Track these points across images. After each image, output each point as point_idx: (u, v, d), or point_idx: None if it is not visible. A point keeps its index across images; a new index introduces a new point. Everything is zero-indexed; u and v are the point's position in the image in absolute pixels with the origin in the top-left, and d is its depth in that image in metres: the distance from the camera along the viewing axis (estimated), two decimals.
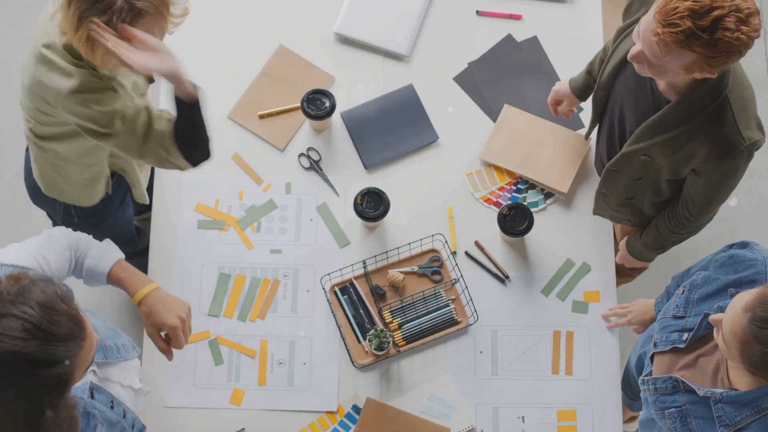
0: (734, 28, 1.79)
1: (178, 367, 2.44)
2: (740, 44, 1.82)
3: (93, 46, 1.91)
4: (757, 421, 1.80)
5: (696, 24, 1.79)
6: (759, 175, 3.52)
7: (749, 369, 1.69)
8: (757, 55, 3.68)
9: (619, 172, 2.28)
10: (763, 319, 1.62)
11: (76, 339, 1.46)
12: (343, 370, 2.46)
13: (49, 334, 1.41)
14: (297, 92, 2.66)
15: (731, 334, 1.68)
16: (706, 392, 1.88)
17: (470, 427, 2.42)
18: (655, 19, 1.84)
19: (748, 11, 1.80)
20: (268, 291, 2.52)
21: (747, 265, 1.93)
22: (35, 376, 1.41)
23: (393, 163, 2.65)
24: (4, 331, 1.39)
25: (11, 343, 1.38)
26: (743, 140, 2.00)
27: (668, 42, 1.83)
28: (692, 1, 1.79)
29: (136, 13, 1.87)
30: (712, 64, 1.86)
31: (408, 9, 2.80)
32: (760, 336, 1.62)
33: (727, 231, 3.42)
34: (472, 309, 2.50)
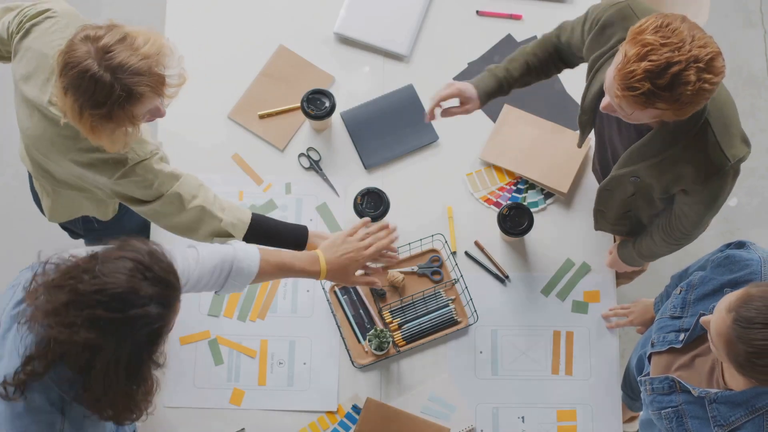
0: (695, 80, 1.76)
1: (178, 367, 2.44)
2: (705, 92, 1.79)
3: (97, 133, 1.88)
4: (751, 421, 1.81)
5: (655, 84, 1.77)
6: (759, 175, 3.52)
7: (737, 369, 1.69)
8: (757, 55, 3.68)
9: (612, 192, 2.29)
10: (746, 318, 1.62)
11: (175, 288, 1.63)
12: (343, 370, 2.46)
13: (156, 275, 1.58)
14: (297, 92, 2.66)
15: (717, 334, 1.68)
16: (701, 392, 1.88)
17: (470, 427, 2.42)
18: (615, 80, 1.83)
19: (709, 57, 1.77)
20: (268, 291, 2.52)
21: (742, 265, 1.93)
22: (143, 316, 1.56)
23: (393, 163, 2.65)
24: (118, 270, 1.55)
25: (126, 277, 1.55)
26: (728, 160, 1.99)
27: (630, 103, 1.83)
28: (648, 62, 1.76)
29: (136, 98, 1.84)
30: (680, 114, 1.85)
31: (408, 9, 2.80)
32: (744, 336, 1.62)
33: (727, 231, 3.42)
34: (472, 309, 2.50)
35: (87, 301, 1.55)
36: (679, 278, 2.26)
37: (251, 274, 2.08)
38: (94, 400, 1.63)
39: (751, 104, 3.61)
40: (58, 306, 1.57)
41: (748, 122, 3.57)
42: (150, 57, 1.85)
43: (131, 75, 1.82)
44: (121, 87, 1.81)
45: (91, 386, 1.61)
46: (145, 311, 1.57)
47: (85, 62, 1.80)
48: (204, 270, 2.02)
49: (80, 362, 1.59)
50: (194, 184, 2.17)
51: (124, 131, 1.92)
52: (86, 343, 1.56)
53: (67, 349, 1.58)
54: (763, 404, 1.80)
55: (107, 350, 1.57)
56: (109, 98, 1.82)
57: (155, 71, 1.85)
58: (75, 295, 1.56)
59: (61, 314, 1.57)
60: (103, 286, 1.55)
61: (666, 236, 2.27)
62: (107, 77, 1.80)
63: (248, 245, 2.12)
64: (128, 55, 1.82)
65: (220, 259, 2.04)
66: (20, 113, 2.14)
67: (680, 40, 1.76)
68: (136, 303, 1.56)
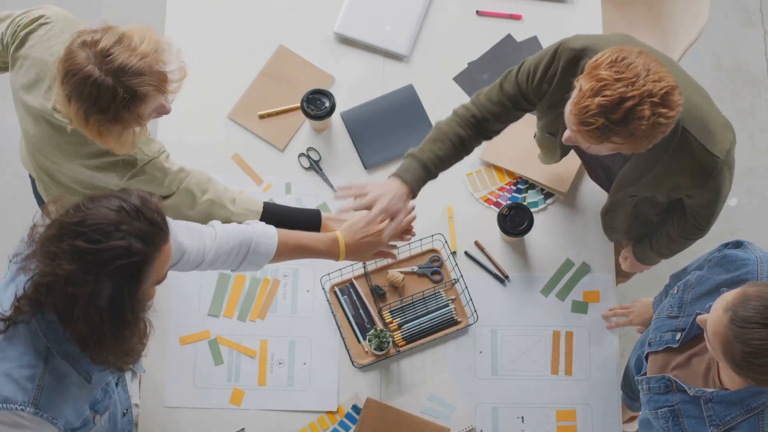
0: (650, 114, 1.77)
1: (178, 367, 2.44)
2: (660, 126, 1.80)
3: (105, 137, 1.88)
4: (747, 421, 1.81)
5: (609, 119, 1.78)
6: (759, 175, 3.52)
7: (733, 369, 1.70)
8: (757, 55, 3.68)
9: (616, 212, 2.32)
10: (743, 318, 1.62)
11: (161, 228, 1.65)
12: (343, 370, 2.46)
13: (142, 213, 1.61)
14: (297, 92, 2.66)
15: (713, 333, 1.69)
16: (696, 392, 1.88)
17: (470, 427, 2.43)
18: (570, 115, 1.84)
19: (663, 91, 1.78)
20: (267, 291, 2.52)
21: (739, 264, 1.93)
22: (124, 249, 1.58)
23: (393, 163, 2.65)
24: (103, 205, 1.61)
25: (109, 212, 1.60)
26: (717, 158, 1.99)
27: (586, 138, 1.84)
28: (602, 97, 1.77)
29: (140, 98, 1.84)
30: (636, 147, 1.86)
31: (408, 9, 2.80)
32: (741, 335, 1.63)
33: (728, 231, 3.42)
34: (471, 309, 2.50)
35: (69, 232, 1.59)
36: (677, 278, 2.26)
37: (269, 255, 2.10)
38: (80, 339, 1.66)
39: (751, 104, 3.61)
40: (44, 240, 1.62)
41: (748, 122, 3.57)
42: (149, 55, 1.85)
43: (133, 76, 1.82)
44: (124, 89, 1.81)
45: (74, 324, 1.64)
46: (127, 244, 1.58)
47: (85, 68, 1.80)
48: (221, 250, 2.04)
49: (63, 298, 1.61)
50: (203, 179, 2.20)
51: (131, 132, 1.92)
52: (68, 277, 1.58)
53: (50, 282, 1.61)
54: (758, 404, 1.80)
55: (88, 284, 1.59)
56: (113, 102, 1.82)
57: (156, 69, 1.85)
58: (59, 227, 1.61)
59: (47, 247, 1.61)
60: (84, 217, 1.59)
61: (683, 232, 2.30)
62: (109, 81, 1.80)
63: (267, 226, 2.12)
64: (127, 56, 1.81)
65: (238, 241, 2.06)
66: (24, 121, 2.14)
67: (634, 74, 1.77)
68: (116, 236, 1.58)
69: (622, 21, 3.06)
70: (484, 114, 2.26)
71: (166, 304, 2.48)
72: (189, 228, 2.06)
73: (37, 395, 1.68)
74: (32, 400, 1.68)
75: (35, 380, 1.69)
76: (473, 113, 2.27)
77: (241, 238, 2.07)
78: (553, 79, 2.12)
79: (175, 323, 2.48)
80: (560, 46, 2.10)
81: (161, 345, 2.44)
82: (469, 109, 2.28)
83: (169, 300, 2.49)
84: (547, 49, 2.14)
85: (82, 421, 1.80)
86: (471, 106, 2.29)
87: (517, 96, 2.22)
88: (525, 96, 2.21)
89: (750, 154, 3.53)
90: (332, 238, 2.18)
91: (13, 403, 1.66)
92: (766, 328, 1.60)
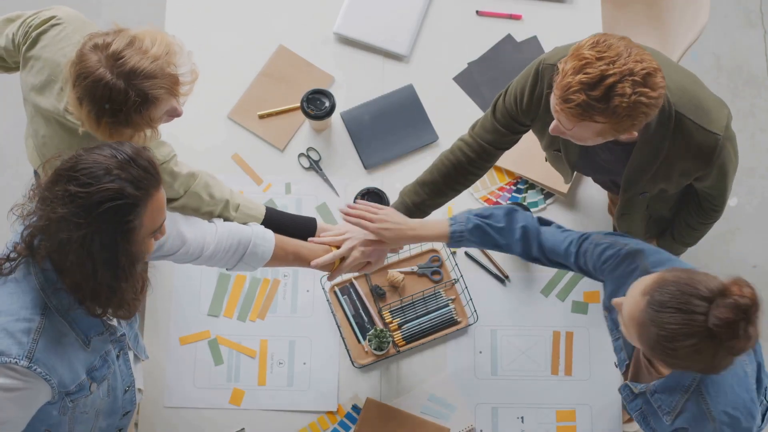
0: (630, 92, 1.79)
1: (178, 367, 2.44)
2: (642, 106, 1.82)
3: (116, 139, 1.88)
4: (690, 401, 1.84)
5: (589, 95, 1.80)
6: (759, 175, 3.52)
7: (646, 352, 1.73)
8: (757, 55, 3.68)
9: (630, 214, 2.34)
10: (660, 302, 1.66)
11: (153, 174, 1.68)
12: (343, 370, 2.46)
13: (134, 160, 1.65)
14: (297, 92, 2.66)
15: (630, 317, 1.72)
16: (641, 388, 1.94)
17: (470, 427, 2.43)
18: (554, 95, 1.87)
19: (645, 72, 1.80)
20: (267, 291, 2.52)
21: (628, 255, 1.97)
22: (116, 192, 1.62)
23: (393, 163, 2.65)
24: (96, 152, 1.66)
25: (101, 157, 1.64)
26: (717, 135, 2.01)
27: (568, 116, 1.86)
28: (583, 74, 1.80)
29: (151, 101, 1.84)
30: (619, 129, 1.87)
31: (408, 9, 2.80)
32: (656, 319, 1.66)
33: (728, 231, 3.42)
34: (471, 309, 2.50)
35: (63, 177, 1.64)
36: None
37: (265, 258, 2.16)
38: (74, 285, 1.69)
39: (751, 104, 3.61)
40: (40, 187, 1.68)
41: (748, 122, 3.57)
42: (160, 58, 1.85)
43: (145, 79, 1.81)
44: (135, 92, 1.81)
45: (68, 270, 1.67)
46: (117, 186, 1.62)
47: (97, 71, 1.80)
48: (219, 247, 2.10)
49: (57, 244, 1.65)
50: (211, 182, 2.21)
51: (143, 135, 1.92)
52: (60, 221, 1.62)
53: (44, 227, 1.66)
54: (689, 381, 1.84)
55: (79, 228, 1.62)
56: (125, 105, 1.81)
57: (167, 72, 1.86)
58: (54, 174, 1.66)
59: (42, 193, 1.66)
60: (77, 162, 1.64)
61: (702, 218, 2.34)
62: (121, 84, 1.80)
63: (266, 230, 2.18)
64: (139, 59, 1.81)
65: (237, 241, 2.12)
66: (34, 121, 2.14)
67: (616, 54, 1.81)
68: (106, 180, 1.62)
69: (622, 21, 3.06)
70: (482, 146, 2.28)
71: (166, 304, 2.48)
72: (189, 220, 2.09)
73: (32, 349, 1.69)
74: (26, 354, 1.69)
75: (31, 333, 1.70)
76: (473, 149, 2.28)
77: (240, 237, 2.12)
78: (540, 99, 2.14)
79: (175, 323, 2.48)
80: (540, 65, 2.12)
81: (161, 345, 2.44)
82: (469, 145, 2.29)
83: (169, 300, 2.49)
84: (528, 71, 2.16)
85: (77, 385, 1.80)
86: (470, 140, 2.30)
87: (509, 121, 2.24)
88: (517, 119, 2.23)
89: (750, 154, 3.53)
90: (327, 251, 2.24)
91: (7, 356, 1.67)
92: (680, 313, 1.63)
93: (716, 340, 1.62)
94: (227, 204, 2.21)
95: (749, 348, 1.65)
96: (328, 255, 2.23)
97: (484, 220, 2.15)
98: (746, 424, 1.82)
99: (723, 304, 1.62)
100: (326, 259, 2.22)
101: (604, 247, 2.01)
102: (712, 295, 1.63)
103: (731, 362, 1.68)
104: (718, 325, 1.61)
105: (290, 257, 2.21)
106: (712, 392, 1.81)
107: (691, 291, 1.64)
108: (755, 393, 1.86)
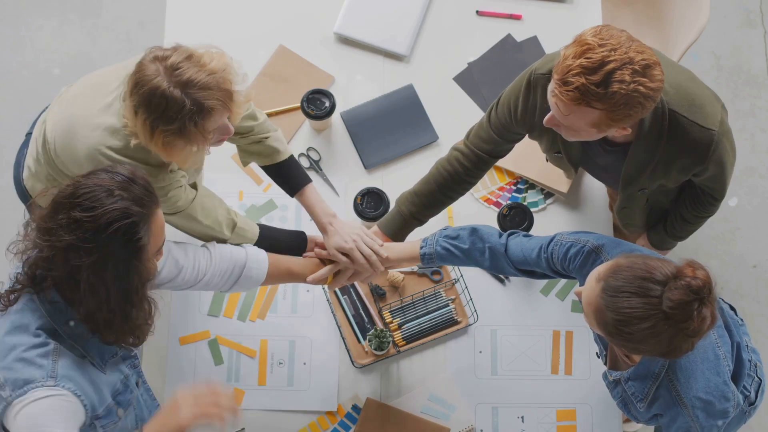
0: (629, 80, 1.80)
1: (178, 367, 2.44)
2: (639, 95, 1.82)
3: (169, 149, 1.89)
4: (662, 387, 1.86)
5: (589, 80, 1.81)
6: (759, 175, 3.52)
7: (607, 338, 1.75)
8: (757, 55, 3.68)
9: (630, 208, 2.34)
10: (613, 287, 1.68)
11: (152, 194, 1.71)
12: (343, 370, 2.46)
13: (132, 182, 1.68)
14: (297, 92, 2.66)
15: (587, 303, 1.74)
16: (615, 376, 1.97)
17: (470, 427, 2.43)
18: (554, 79, 1.88)
19: (645, 62, 1.81)
20: (268, 291, 2.52)
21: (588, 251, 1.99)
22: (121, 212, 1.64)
23: (393, 163, 2.65)
24: (95, 176, 1.67)
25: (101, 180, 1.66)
26: (712, 131, 2.02)
27: (566, 101, 1.86)
28: (584, 58, 1.81)
29: (207, 112, 1.85)
30: (615, 119, 1.87)
31: (408, 9, 2.80)
32: (611, 304, 1.68)
33: (728, 231, 3.42)
34: (471, 309, 2.50)
35: (64, 205, 1.64)
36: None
37: (259, 280, 2.20)
38: (88, 315, 1.69)
39: (751, 104, 3.61)
40: (39, 220, 1.67)
41: (748, 122, 3.57)
42: (217, 72, 1.87)
43: (200, 89, 1.83)
44: (191, 101, 1.82)
45: (81, 299, 1.67)
46: (122, 206, 1.63)
47: (155, 80, 1.82)
48: (215, 272, 2.13)
49: (66, 273, 1.65)
50: (208, 203, 2.19)
51: (192, 150, 1.93)
52: (69, 249, 1.62)
53: (51, 257, 1.65)
54: (658, 368, 1.85)
55: (90, 253, 1.62)
56: (180, 113, 1.82)
57: (223, 86, 1.88)
58: (53, 204, 1.66)
59: (43, 225, 1.65)
60: (77, 188, 1.65)
61: (698, 212, 2.34)
62: (177, 93, 1.82)
63: (259, 251, 2.21)
64: (196, 71, 1.84)
65: (232, 265, 2.15)
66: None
67: (618, 42, 1.82)
68: (110, 201, 1.63)
69: (622, 21, 3.06)
70: (478, 155, 2.28)
71: (166, 304, 2.48)
72: (182, 246, 2.11)
73: (54, 368, 1.70)
74: (49, 373, 1.69)
75: (49, 356, 1.71)
76: (469, 158, 2.29)
77: (235, 261, 2.16)
78: (535, 109, 2.14)
79: (175, 323, 2.48)
80: (531, 75, 2.12)
81: (161, 345, 2.44)
82: (465, 155, 2.29)
83: (170, 300, 2.49)
84: (519, 81, 2.17)
85: (105, 409, 1.81)
86: (466, 150, 2.30)
87: (503, 131, 2.25)
88: (511, 129, 2.24)
89: (750, 154, 3.53)
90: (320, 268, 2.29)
91: (33, 383, 1.67)
92: (635, 297, 1.65)
93: (671, 321, 1.64)
94: (222, 223, 2.20)
95: (705, 329, 1.67)
96: (323, 270, 2.28)
97: (451, 242, 2.20)
98: (720, 406, 1.84)
99: (676, 286, 1.64)
100: (321, 274, 2.27)
101: (568, 246, 2.03)
102: (665, 278, 1.65)
103: (692, 346, 1.70)
104: (672, 307, 1.63)
105: (284, 275, 2.26)
106: (682, 378, 1.84)
107: (645, 275, 1.66)
108: (728, 375, 1.87)
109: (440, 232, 2.23)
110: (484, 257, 2.16)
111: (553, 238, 2.09)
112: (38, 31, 3.60)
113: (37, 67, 3.53)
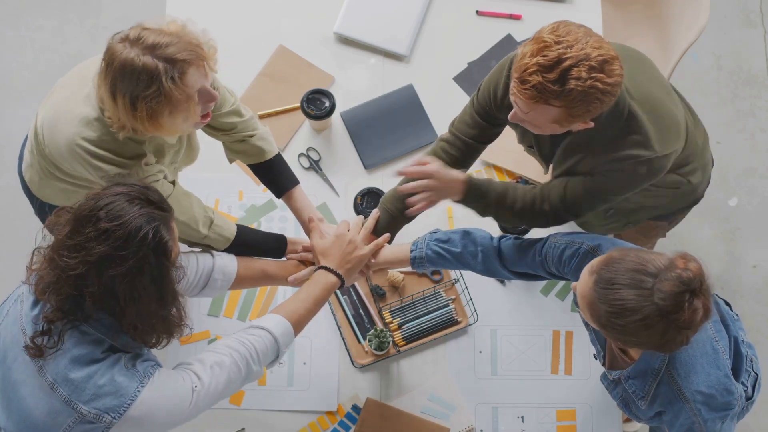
0: (586, 77, 1.80)
1: None
2: (596, 91, 1.82)
3: (155, 119, 1.89)
4: (662, 384, 1.86)
5: (545, 78, 1.81)
6: (759, 175, 3.52)
7: (601, 331, 1.75)
8: (757, 55, 3.68)
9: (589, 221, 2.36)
10: (606, 280, 1.68)
11: (164, 200, 1.74)
12: (343, 370, 2.46)
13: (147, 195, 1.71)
14: (297, 92, 2.66)
15: (581, 297, 1.75)
16: (615, 375, 1.97)
17: (470, 427, 2.43)
18: (512, 78, 1.88)
19: (602, 58, 1.81)
20: (268, 291, 2.52)
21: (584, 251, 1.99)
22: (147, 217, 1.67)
23: (393, 163, 2.65)
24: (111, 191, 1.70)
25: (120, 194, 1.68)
26: (653, 149, 1.98)
27: (524, 99, 1.86)
28: (541, 56, 1.82)
29: (180, 67, 1.86)
30: (574, 115, 1.87)
31: (408, 9, 2.80)
32: (604, 296, 1.68)
33: (728, 231, 3.42)
34: (471, 309, 2.50)
35: (88, 219, 1.64)
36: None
37: (223, 290, 2.22)
38: (131, 324, 1.71)
39: (751, 104, 3.61)
40: (63, 238, 1.66)
41: (748, 122, 3.57)
42: (177, 33, 1.90)
43: (167, 47, 1.86)
44: (163, 60, 1.84)
45: (124, 308, 1.68)
46: (148, 211, 1.67)
47: (123, 53, 1.84)
48: (188, 282, 2.13)
49: (103, 285, 1.64)
50: (185, 201, 2.18)
51: (181, 117, 1.92)
52: (103, 260, 1.62)
53: (84, 273, 1.63)
54: (658, 363, 1.85)
55: (125, 260, 1.64)
56: (155, 74, 1.84)
57: (187, 39, 1.90)
58: (75, 221, 1.66)
59: (70, 242, 1.64)
60: (97, 201, 1.66)
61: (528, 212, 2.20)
62: (148, 58, 1.84)
63: (229, 261, 2.21)
64: (158, 35, 1.87)
65: (200, 275, 2.17)
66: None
67: (575, 39, 1.83)
68: (133, 210, 1.66)
69: (621, 21, 3.06)
70: (465, 141, 2.26)
71: None
72: None
73: (138, 373, 1.72)
74: (140, 379, 1.72)
75: (127, 366, 1.72)
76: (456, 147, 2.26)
77: (203, 271, 2.17)
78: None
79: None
80: (511, 62, 2.10)
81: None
82: (451, 144, 2.26)
83: None
84: (500, 66, 2.16)
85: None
86: (452, 138, 2.27)
87: (485, 116, 2.23)
88: (492, 113, 2.22)
89: (750, 154, 3.53)
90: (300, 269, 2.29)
91: (126, 396, 1.69)
92: (627, 288, 1.66)
93: (662, 313, 1.64)
94: (198, 221, 2.19)
95: (699, 322, 1.67)
96: (305, 270, 2.27)
97: (442, 245, 2.19)
98: (723, 399, 1.84)
99: (666, 278, 1.64)
100: (302, 274, 2.26)
101: (563, 248, 2.03)
102: (658, 271, 1.66)
103: (686, 339, 1.70)
104: (663, 299, 1.63)
105: (259, 277, 2.26)
106: (682, 373, 1.84)
107: (637, 267, 1.66)
108: (728, 368, 1.87)
109: (430, 235, 2.22)
110: (476, 260, 2.16)
111: (546, 240, 2.09)
112: (38, 31, 3.61)
113: (37, 67, 3.53)
